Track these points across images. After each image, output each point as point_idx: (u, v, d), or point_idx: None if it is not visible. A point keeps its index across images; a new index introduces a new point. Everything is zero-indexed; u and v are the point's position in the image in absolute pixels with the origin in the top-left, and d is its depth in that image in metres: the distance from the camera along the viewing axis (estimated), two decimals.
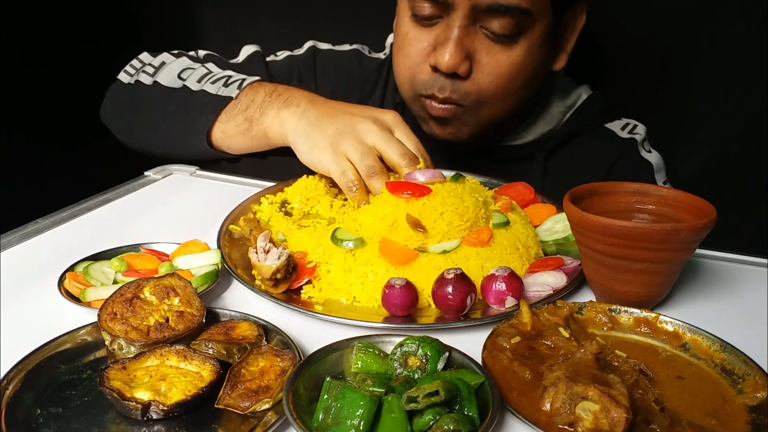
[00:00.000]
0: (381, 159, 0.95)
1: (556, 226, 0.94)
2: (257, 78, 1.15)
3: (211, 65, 1.23)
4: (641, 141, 1.25)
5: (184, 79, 1.19)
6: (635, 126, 1.28)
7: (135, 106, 1.24)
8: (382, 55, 1.36)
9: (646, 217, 0.82)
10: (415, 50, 1.10)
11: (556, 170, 1.23)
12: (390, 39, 1.35)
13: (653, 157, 1.24)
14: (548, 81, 1.24)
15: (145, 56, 1.26)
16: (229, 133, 1.11)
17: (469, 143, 1.19)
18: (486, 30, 1.04)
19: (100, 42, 2.00)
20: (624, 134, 1.26)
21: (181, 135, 1.17)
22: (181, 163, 1.25)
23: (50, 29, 1.96)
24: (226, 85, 1.14)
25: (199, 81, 1.17)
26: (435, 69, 1.07)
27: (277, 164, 1.16)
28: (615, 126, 1.27)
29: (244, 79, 1.14)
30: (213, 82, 1.16)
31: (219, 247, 0.87)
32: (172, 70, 1.22)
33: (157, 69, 1.22)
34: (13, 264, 0.87)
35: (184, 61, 1.24)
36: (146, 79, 1.22)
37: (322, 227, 0.90)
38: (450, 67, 1.04)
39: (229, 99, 1.11)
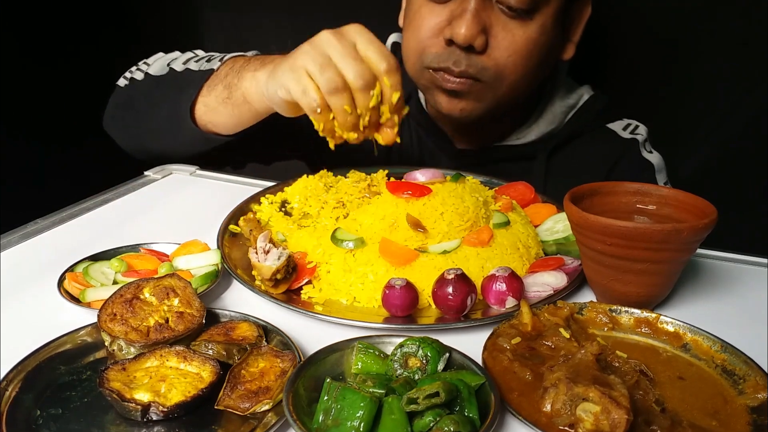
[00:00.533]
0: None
1: (557, 225, 0.94)
2: (240, 53, 1.15)
3: (198, 51, 1.24)
4: (642, 142, 1.25)
5: (171, 65, 1.20)
6: (636, 126, 1.28)
7: (130, 103, 1.25)
8: None
9: (646, 217, 0.82)
10: (428, 24, 1.09)
11: (557, 170, 1.24)
12: (391, 38, 1.35)
13: (654, 157, 1.25)
14: (551, 81, 1.24)
15: (143, 60, 1.27)
16: (210, 105, 1.10)
17: (477, 125, 1.17)
18: (502, 5, 1.04)
19: (101, 42, 2.00)
20: (626, 135, 1.26)
21: (169, 118, 1.16)
22: (180, 160, 1.25)
23: (50, 29, 1.96)
24: (208, 61, 1.15)
25: (184, 63, 1.18)
26: (449, 43, 1.07)
27: (280, 169, 1.15)
28: (616, 126, 1.28)
29: (225, 55, 1.14)
30: (197, 61, 1.17)
31: (219, 247, 0.87)
32: (162, 61, 1.23)
33: (150, 65, 1.24)
34: (13, 264, 0.87)
35: (175, 53, 1.25)
36: (139, 76, 1.24)
37: (322, 227, 0.90)
38: (467, 39, 1.03)
39: (210, 72, 1.10)
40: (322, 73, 0.86)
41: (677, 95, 1.52)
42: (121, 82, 1.27)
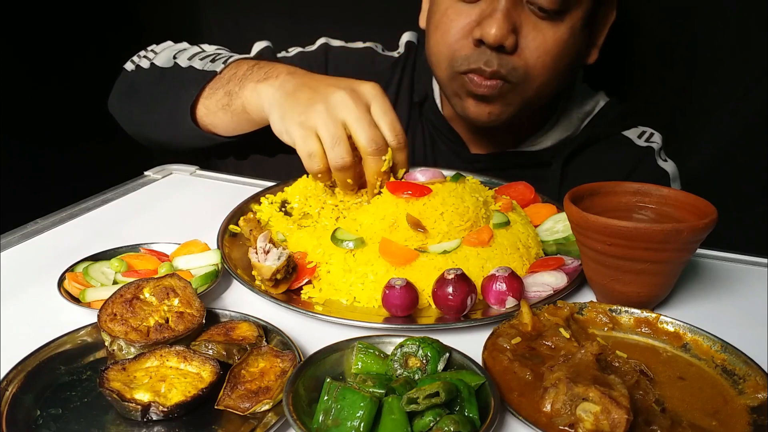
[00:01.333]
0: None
1: (557, 225, 0.94)
2: (246, 56, 1.14)
3: (205, 45, 1.24)
4: (658, 150, 1.24)
5: (176, 59, 1.20)
6: (651, 134, 1.26)
7: (133, 90, 1.25)
8: (395, 54, 1.34)
9: (646, 216, 0.82)
10: (457, 25, 1.07)
11: (573, 177, 1.22)
12: (405, 37, 1.34)
13: (669, 166, 1.24)
14: (568, 87, 1.23)
15: (151, 46, 1.27)
16: (211, 108, 1.10)
17: (494, 130, 1.17)
18: (533, 5, 1.03)
19: (103, 44, 2.00)
20: (641, 142, 1.25)
21: (170, 114, 1.16)
22: (182, 152, 1.25)
23: (52, 31, 1.96)
24: (212, 61, 1.14)
25: (189, 59, 1.18)
26: (479, 43, 1.05)
27: (282, 163, 1.14)
28: (632, 134, 1.26)
29: (231, 56, 1.14)
30: (201, 59, 1.17)
31: (219, 247, 0.87)
32: (168, 52, 1.23)
33: (157, 54, 1.24)
34: (13, 264, 0.87)
35: (182, 45, 1.25)
36: (145, 64, 1.23)
37: (322, 227, 0.90)
38: (497, 39, 1.02)
39: (213, 74, 1.10)
40: (333, 148, 0.87)
41: (677, 96, 1.52)
42: (129, 66, 1.26)
